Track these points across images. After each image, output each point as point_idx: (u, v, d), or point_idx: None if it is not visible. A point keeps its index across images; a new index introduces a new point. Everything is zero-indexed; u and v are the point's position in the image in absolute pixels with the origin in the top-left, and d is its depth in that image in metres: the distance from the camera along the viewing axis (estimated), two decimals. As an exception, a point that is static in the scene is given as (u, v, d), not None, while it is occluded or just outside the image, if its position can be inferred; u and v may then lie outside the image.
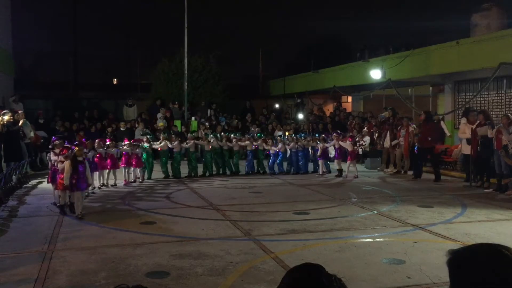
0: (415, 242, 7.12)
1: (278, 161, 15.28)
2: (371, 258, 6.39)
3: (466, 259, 1.52)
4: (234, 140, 15.11)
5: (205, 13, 32.75)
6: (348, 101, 26.53)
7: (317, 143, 15.26)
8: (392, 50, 19.65)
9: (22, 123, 14.31)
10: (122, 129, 18.31)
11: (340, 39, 35.44)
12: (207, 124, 19.86)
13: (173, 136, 15.26)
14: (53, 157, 9.99)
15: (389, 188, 12.45)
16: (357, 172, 14.53)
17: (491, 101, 16.10)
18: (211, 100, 23.08)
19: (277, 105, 27.29)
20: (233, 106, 23.87)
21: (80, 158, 9.01)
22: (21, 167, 13.08)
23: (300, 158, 15.33)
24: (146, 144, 13.75)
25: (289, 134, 17.11)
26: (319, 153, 15.10)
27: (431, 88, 20.93)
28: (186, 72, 20.99)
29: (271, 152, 15.31)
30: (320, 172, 15.04)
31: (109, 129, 18.29)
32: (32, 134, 15.44)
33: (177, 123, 19.81)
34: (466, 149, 13.18)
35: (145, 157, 13.76)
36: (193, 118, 20.67)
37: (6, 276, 5.75)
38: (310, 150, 15.59)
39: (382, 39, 27.70)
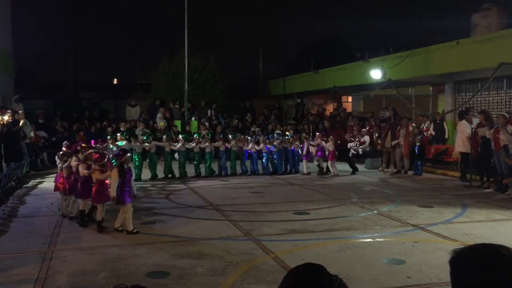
0: (415, 242, 7.12)
1: (251, 161, 15.12)
2: (371, 258, 6.39)
3: (466, 259, 1.52)
4: (206, 141, 14.80)
5: (205, 13, 32.73)
6: (348, 101, 26.52)
7: (293, 143, 15.43)
8: (392, 50, 19.63)
9: (22, 123, 14.31)
10: (122, 129, 18.27)
11: (340, 39, 35.42)
12: (207, 124, 19.86)
13: (136, 137, 14.93)
14: (74, 162, 8.57)
15: (389, 188, 12.45)
16: (337, 170, 14.89)
17: (491, 101, 16.10)
18: (211, 100, 23.07)
19: (277, 105, 27.29)
20: (233, 106, 23.86)
21: (127, 166, 8.11)
22: (21, 167, 13.07)
23: (275, 158, 15.26)
24: (110, 146, 13.40)
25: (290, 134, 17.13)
26: (305, 152, 15.38)
27: (431, 88, 20.92)
28: (186, 72, 20.99)
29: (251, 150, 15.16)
30: (305, 172, 15.17)
31: (109, 129, 18.27)
32: (32, 134, 15.45)
33: (177, 123, 19.81)
34: (459, 147, 13.31)
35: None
36: (193, 118, 20.67)
37: (6, 276, 5.76)
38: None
39: (383, 39, 27.72)
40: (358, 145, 18.28)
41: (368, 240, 7.35)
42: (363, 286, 5.42)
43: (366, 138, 18.22)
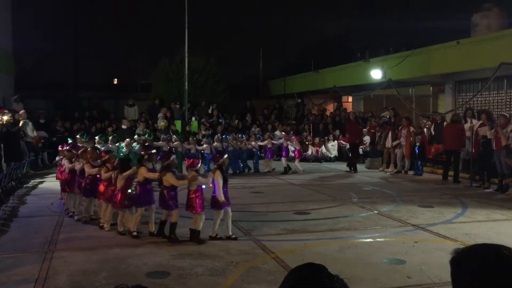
0: (416, 242, 7.12)
1: (206, 162, 14.70)
2: (372, 258, 6.39)
3: (467, 259, 1.53)
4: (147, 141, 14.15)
5: (205, 13, 32.71)
6: (348, 101, 26.52)
7: (248, 143, 15.68)
8: (393, 50, 19.63)
9: (22, 124, 14.31)
10: (124, 126, 18.12)
11: (341, 39, 35.40)
12: (207, 124, 19.85)
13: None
14: (146, 173, 7.66)
15: (389, 188, 12.45)
16: (302, 169, 15.40)
17: (492, 101, 16.09)
18: (211, 100, 23.07)
19: (277, 105, 27.31)
20: (233, 106, 23.86)
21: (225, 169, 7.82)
22: (21, 167, 13.08)
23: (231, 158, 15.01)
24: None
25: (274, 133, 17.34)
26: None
27: (431, 88, 20.92)
28: (186, 72, 20.98)
29: (192, 151, 14.65)
30: (270, 170, 15.47)
31: (110, 129, 18.24)
32: (34, 133, 15.46)
33: (177, 123, 19.81)
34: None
35: None
36: (193, 118, 20.66)
37: (6, 276, 5.75)
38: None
39: (383, 39, 27.70)
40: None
41: (368, 240, 7.35)
42: (363, 286, 5.42)
43: (366, 138, 18.22)
